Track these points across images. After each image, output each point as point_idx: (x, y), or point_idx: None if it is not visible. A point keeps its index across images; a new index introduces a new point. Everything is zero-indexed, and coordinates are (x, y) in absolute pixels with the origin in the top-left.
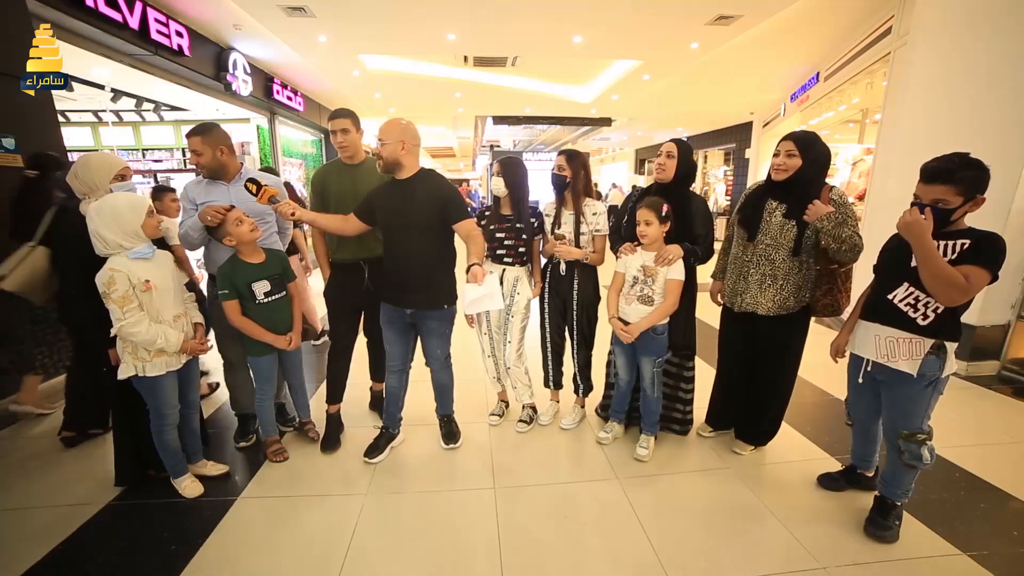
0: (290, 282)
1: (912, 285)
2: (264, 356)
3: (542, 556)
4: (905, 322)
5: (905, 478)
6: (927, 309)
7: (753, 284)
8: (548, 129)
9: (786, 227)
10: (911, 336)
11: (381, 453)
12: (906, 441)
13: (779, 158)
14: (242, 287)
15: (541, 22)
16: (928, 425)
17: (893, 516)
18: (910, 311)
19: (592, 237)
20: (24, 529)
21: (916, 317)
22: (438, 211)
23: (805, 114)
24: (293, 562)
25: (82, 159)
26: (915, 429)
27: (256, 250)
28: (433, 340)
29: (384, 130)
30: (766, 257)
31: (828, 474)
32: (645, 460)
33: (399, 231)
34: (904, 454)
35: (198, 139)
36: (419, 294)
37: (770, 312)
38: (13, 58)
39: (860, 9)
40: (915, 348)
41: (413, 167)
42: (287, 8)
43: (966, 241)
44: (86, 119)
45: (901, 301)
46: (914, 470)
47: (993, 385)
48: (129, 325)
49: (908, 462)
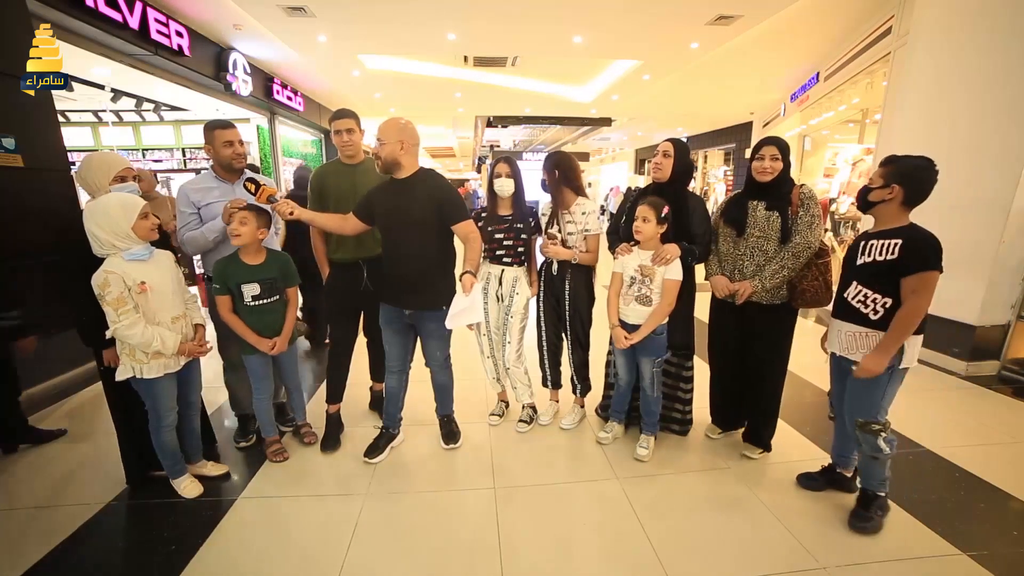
0: (289, 287)
1: (859, 283)
2: (255, 355)
3: (542, 556)
4: (859, 318)
5: (875, 469)
6: (876, 305)
7: (749, 275)
8: (548, 129)
9: (771, 218)
10: (867, 330)
11: (381, 453)
12: (862, 431)
13: (765, 162)
14: (232, 286)
15: (541, 22)
16: (885, 418)
17: (875, 507)
18: (861, 307)
19: (584, 237)
20: (24, 529)
21: (867, 312)
22: (436, 211)
23: (805, 114)
24: (293, 562)
25: (85, 159)
26: (870, 419)
27: (258, 251)
28: (432, 341)
29: (383, 130)
30: (759, 248)
31: (807, 474)
32: (645, 460)
33: (398, 231)
34: (863, 445)
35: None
36: (418, 295)
37: (763, 300)
38: (13, 58)
39: (860, 9)
40: (870, 341)
41: (412, 166)
42: (287, 8)
43: (897, 241)
44: (86, 119)
45: (854, 299)
46: (877, 461)
47: (993, 385)
48: (124, 328)
49: (869, 453)
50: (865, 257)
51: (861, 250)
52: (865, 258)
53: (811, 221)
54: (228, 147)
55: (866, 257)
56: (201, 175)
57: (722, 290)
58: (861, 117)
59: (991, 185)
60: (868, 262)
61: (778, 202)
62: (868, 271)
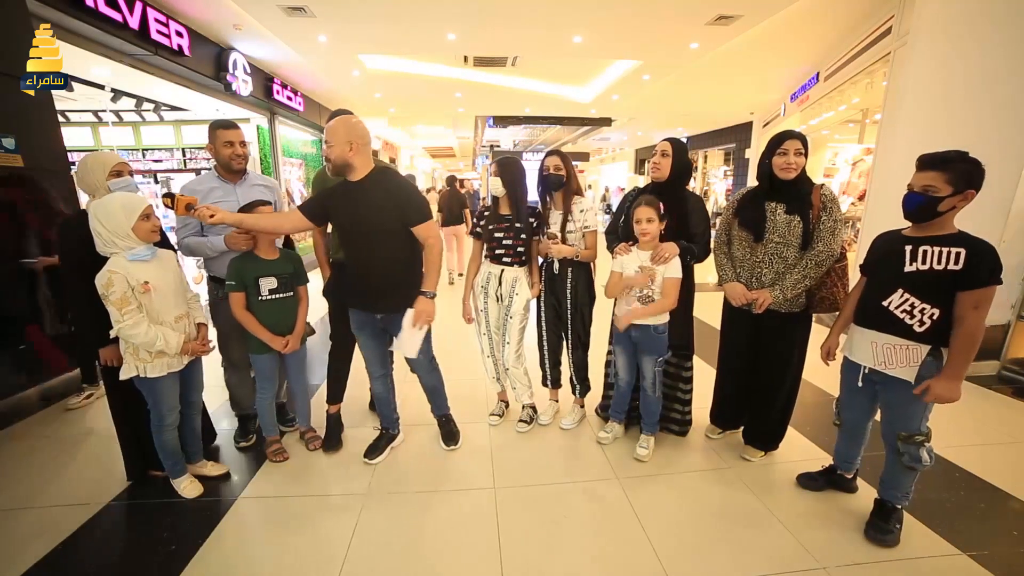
0: (300, 285)
1: (907, 291)
2: (265, 354)
3: (542, 556)
4: (901, 329)
5: (905, 480)
6: (923, 315)
7: (768, 284)
8: (548, 129)
9: (792, 223)
10: (908, 343)
11: (381, 454)
12: (905, 443)
13: (789, 157)
14: (249, 280)
15: (541, 22)
16: (927, 426)
17: (894, 520)
18: (906, 318)
19: (583, 234)
20: (24, 529)
21: (912, 324)
22: (398, 215)
23: (805, 114)
24: (293, 562)
25: (81, 161)
26: (913, 431)
27: (272, 248)
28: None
29: (330, 131)
30: (778, 255)
31: (807, 474)
32: (645, 460)
33: (360, 239)
34: (903, 456)
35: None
36: (388, 299)
37: (781, 308)
38: (13, 58)
39: (860, 9)
40: (912, 355)
41: (366, 166)
42: (287, 8)
43: (960, 251)
44: (86, 119)
45: (897, 308)
46: (914, 472)
47: (993, 385)
48: (128, 327)
49: (908, 464)
50: (918, 264)
51: (911, 256)
52: (919, 265)
53: (834, 227)
54: (228, 147)
55: (919, 264)
56: (203, 175)
57: (739, 299)
58: (861, 117)
59: (991, 185)
60: (923, 270)
61: (799, 205)
62: (921, 279)
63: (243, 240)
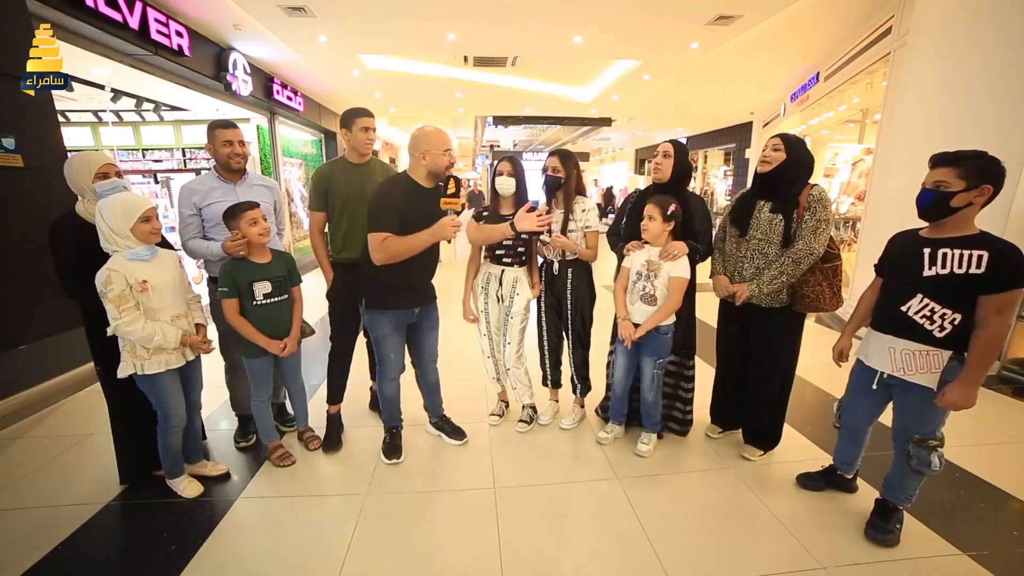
0: (294, 286)
1: (927, 296)
2: (258, 358)
3: (542, 556)
4: (921, 334)
5: (910, 484)
6: (944, 321)
7: (747, 278)
8: (548, 129)
9: (774, 221)
10: (928, 348)
11: (402, 452)
12: (916, 446)
13: (765, 151)
14: (242, 285)
15: (541, 22)
16: (941, 432)
17: (894, 520)
18: (926, 323)
19: (584, 234)
20: (24, 529)
21: (933, 329)
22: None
23: (805, 114)
24: (293, 562)
25: (67, 161)
26: (928, 435)
27: (263, 251)
28: (434, 334)
29: (415, 142)
30: (759, 251)
31: (807, 474)
32: (646, 456)
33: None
34: (912, 459)
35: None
36: (426, 289)
37: (762, 303)
38: (13, 58)
39: (860, 9)
40: (933, 361)
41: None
42: (287, 8)
43: (983, 253)
44: (86, 119)
45: (916, 313)
46: (920, 476)
47: (993, 385)
48: (124, 324)
49: (916, 467)
50: (938, 268)
51: (930, 259)
52: (939, 269)
53: (816, 226)
54: (227, 147)
55: (939, 268)
56: (203, 175)
57: (721, 290)
58: (861, 117)
59: None
60: (944, 274)
61: (783, 204)
62: (941, 283)
63: (240, 247)
